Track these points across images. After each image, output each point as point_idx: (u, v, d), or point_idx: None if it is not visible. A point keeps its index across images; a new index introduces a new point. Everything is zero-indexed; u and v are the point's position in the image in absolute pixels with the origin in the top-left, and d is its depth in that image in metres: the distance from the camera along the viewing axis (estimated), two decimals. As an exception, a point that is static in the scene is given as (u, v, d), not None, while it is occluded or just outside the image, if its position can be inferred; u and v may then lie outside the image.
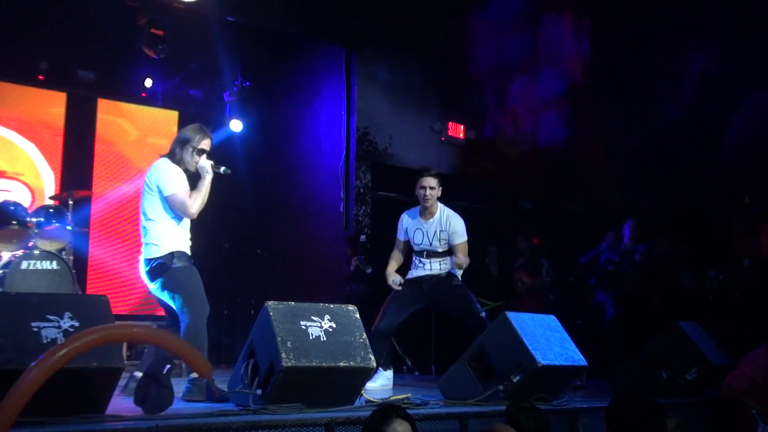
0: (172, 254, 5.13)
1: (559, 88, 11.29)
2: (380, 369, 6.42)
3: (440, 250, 6.56)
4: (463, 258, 6.43)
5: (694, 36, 10.36)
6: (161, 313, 5.50)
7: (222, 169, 5.35)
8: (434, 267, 6.59)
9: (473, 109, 11.25)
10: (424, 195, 6.53)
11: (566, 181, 11.70)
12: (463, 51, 10.72)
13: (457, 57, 10.81)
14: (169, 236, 5.18)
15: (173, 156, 5.28)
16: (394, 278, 6.63)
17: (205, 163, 5.29)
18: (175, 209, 5.17)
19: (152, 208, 5.19)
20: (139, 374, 4.97)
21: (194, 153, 5.27)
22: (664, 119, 10.71)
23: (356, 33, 10.20)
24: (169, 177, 5.17)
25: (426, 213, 6.61)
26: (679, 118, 10.49)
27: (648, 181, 10.89)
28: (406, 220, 6.76)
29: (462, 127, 11.26)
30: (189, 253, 5.26)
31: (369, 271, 9.57)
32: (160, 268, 5.10)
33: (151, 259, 5.15)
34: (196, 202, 5.18)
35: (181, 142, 5.30)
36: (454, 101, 11.14)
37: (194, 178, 5.31)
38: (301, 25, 9.84)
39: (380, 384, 6.42)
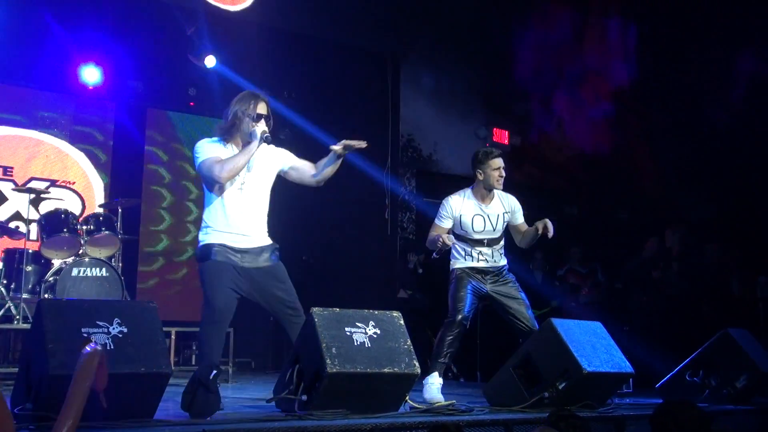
0: (209, 246, 4.81)
1: (605, 93, 11.20)
2: (436, 372, 5.83)
3: (500, 235, 6.10)
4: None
5: (742, 38, 10.21)
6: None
7: (265, 134, 4.88)
8: (496, 257, 6.08)
9: (518, 115, 11.22)
10: (499, 176, 5.99)
11: (613, 186, 11.59)
12: (507, 57, 10.69)
13: (501, 63, 10.79)
14: (208, 223, 4.89)
15: (221, 131, 4.95)
16: (449, 236, 5.94)
17: (257, 129, 4.87)
18: (206, 179, 4.86)
19: (205, 194, 4.98)
20: None
21: (251, 121, 4.89)
22: (712, 123, 10.56)
23: (400, 40, 10.24)
24: (197, 151, 4.89)
25: (486, 197, 6.07)
26: (728, 121, 10.33)
27: (697, 186, 10.75)
28: (456, 206, 6.05)
29: (506, 133, 11.23)
30: (235, 244, 4.82)
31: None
32: (197, 257, 4.89)
33: (197, 244, 4.94)
34: (226, 165, 4.75)
35: (234, 116, 4.91)
36: (498, 107, 11.12)
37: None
38: (346, 32, 9.91)
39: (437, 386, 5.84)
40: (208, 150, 4.88)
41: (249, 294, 4.90)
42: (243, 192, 4.91)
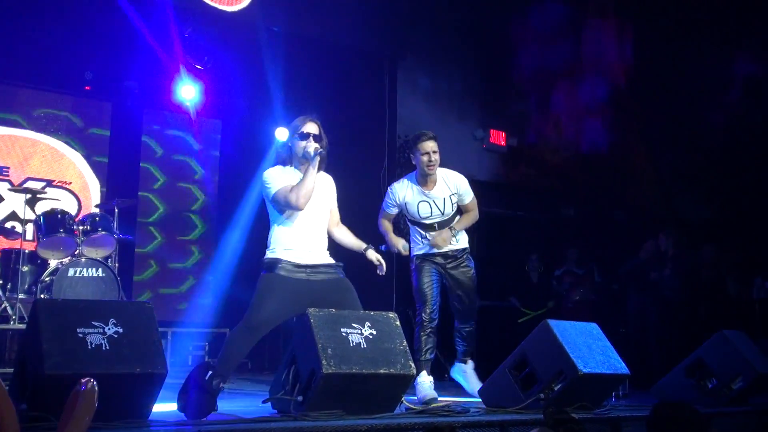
0: (275, 259, 4.96)
1: (602, 94, 11.20)
2: (424, 371, 5.80)
3: (450, 218, 6.01)
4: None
5: (739, 39, 10.22)
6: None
7: (318, 150, 5.04)
8: (452, 239, 6.01)
9: (515, 116, 11.22)
10: (429, 161, 5.87)
11: (610, 187, 11.59)
12: (504, 57, 10.69)
13: (499, 64, 10.79)
14: (276, 242, 5.03)
15: (279, 158, 5.20)
16: (404, 243, 5.91)
17: (309, 147, 5.03)
18: (282, 209, 5.02)
19: (270, 215, 5.14)
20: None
21: (299, 139, 5.08)
22: (709, 124, 10.56)
23: (397, 41, 10.22)
24: (268, 181, 5.04)
25: (428, 181, 5.96)
26: (724, 122, 10.34)
27: (693, 186, 10.76)
28: (399, 193, 6.04)
29: (503, 134, 11.23)
30: (302, 260, 4.97)
31: None
32: (263, 267, 5.01)
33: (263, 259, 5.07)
34: (300, 192, 4.90)
35: (288, 140, 5.19)
36: (495, 108, 11.12)
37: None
38: (343, 33, 9.89)
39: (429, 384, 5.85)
40: (279, 179, 5.05)
41: (311, 306, 4.90)
42: (309, 213, 5.08)
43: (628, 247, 10.02)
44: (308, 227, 5.07)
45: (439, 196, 5.99)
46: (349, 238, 5.37)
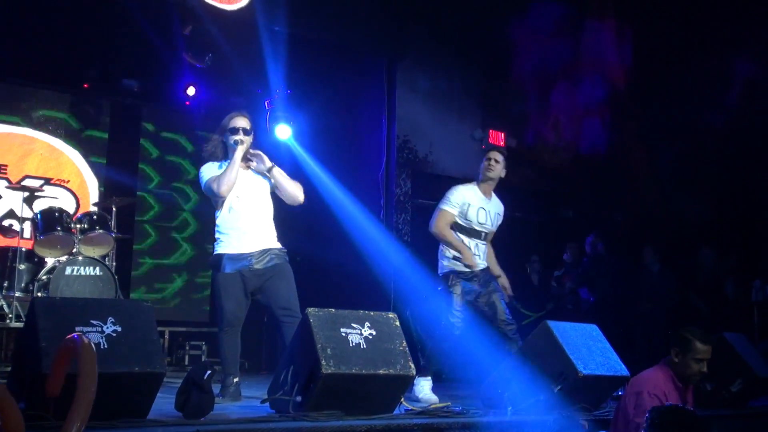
0: (219, 257, 5.34)
1: (601, 95, 11.18)
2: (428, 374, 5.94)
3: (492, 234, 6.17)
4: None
5: (739, 40, 10.20)
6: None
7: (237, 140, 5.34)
8: (483, 256, 6.10)
9: (514, 117, 11.19)
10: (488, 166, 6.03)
11: (608, 189, 11.57)
12: (504, 58, 10.67)
13: (498, 64, 10.76)
14: (221, 237, 5.41)
15: (209, 154, 5.50)
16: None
17: (232, 139, 5.37)
18: (211, 197, 5.40)
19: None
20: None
21: (229, 135, 5.40)
22: (708, 125, 10.54)
23: (397, 41, 10.21)
24: (201, 174, 5.46)
25: (488, 191, 6.08)
26: (724, 124, 10.31)
27: (692, 188, 10.73)
28: (466, 194, 6.03)
29: (503, 134, 11.21)
30: (241, 250, 5.34)
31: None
32: (210, 266, 5.52)
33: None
34: (220, 181, 5.26)
35: (219, 133, 5.50)
36: (494, 109, 11.09)
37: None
38: (343, 34, 9.87)
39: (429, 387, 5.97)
40: (208, 172, 5.43)
41: (255, 293, 5.41)
42: (240, 200, 5.39)
43: (626, 249, 10.02)
44: (244, 215, 5.37)
45: (492, 209, 6.18)
46: None
